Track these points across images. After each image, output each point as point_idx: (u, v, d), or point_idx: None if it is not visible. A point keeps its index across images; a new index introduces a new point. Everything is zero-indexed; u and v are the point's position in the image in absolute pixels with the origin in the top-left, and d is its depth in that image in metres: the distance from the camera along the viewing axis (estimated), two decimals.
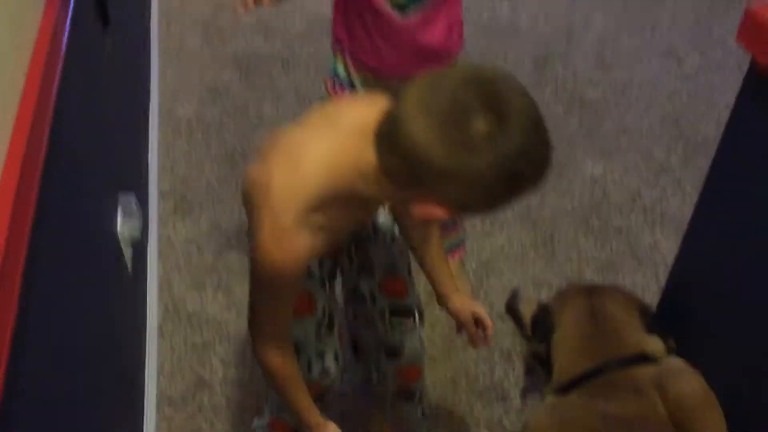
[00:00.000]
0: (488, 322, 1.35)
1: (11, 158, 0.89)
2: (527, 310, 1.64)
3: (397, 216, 1.32)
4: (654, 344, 1.48)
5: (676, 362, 1.44)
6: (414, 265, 1.37)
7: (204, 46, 2.90)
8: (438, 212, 0.90)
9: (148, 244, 2.02)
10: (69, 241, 1.15)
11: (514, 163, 0.83)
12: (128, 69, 2.13)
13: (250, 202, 1.04)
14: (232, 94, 2.68)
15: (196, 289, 2.02)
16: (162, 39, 2.92)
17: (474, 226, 2.17)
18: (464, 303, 1.36)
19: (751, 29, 1.25)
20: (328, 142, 0.98)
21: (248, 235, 1.11)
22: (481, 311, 1.35)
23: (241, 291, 1.99)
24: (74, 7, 1.30)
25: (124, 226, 1.58)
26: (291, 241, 0.97)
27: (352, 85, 1.60)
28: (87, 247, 1.29)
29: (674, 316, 1.60)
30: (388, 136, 0.88)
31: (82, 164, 1.34)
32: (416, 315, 1.39)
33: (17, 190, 0.86)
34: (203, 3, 3.13)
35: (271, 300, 1.08)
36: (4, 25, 0.98)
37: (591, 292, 1.58)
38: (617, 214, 2.28)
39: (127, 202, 1.63)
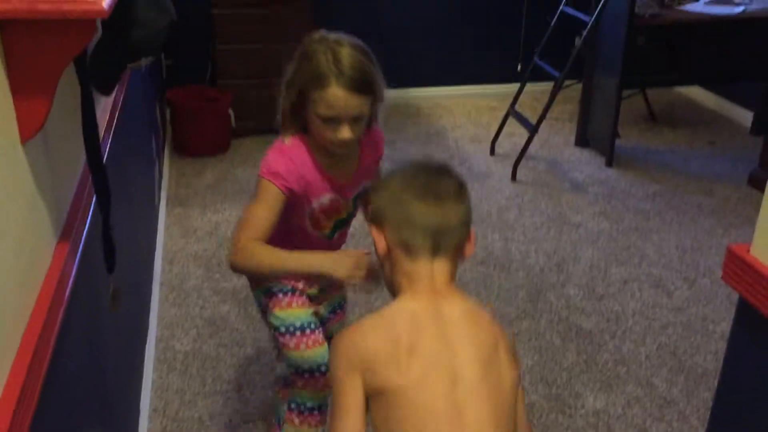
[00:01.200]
0: None
1: (3, 404, 0.88)
2: None
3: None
4: None
5: None
6: None
7: (204, 281, 2.97)
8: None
9: None
10: None
11: None
12: (129, 309, 2.17)
13: None
14: (230, 327, 2.69)
15: None
16: (164, 275, 3.00)
17: None
18: None
19: (735, 269, 1.30)
20: None
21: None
22: None
23: None
24: (81, 257, 1.36)
25: None
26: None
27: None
28: None
29: None
30: None
31: (74, 411, 1.32)
32: None
33: None
34: (206, 240, 3.27)
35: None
36: (12, 273, 1.02)
37: None
38: None
39: None
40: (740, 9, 4.11)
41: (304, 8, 4.09)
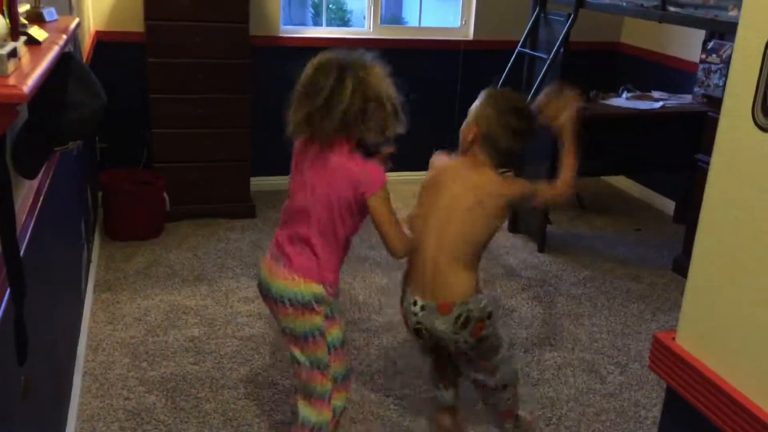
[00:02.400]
0: None
1: None
2: None
3: None
4: None
5: None
6: None
7: (130, 370, 2.84)
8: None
9: None
10: None
11: None
12: (44, 400, 2.05)
13: None
14: (155, 420, 2.57)
15: None
16: (87, 364, 2.87)
17: None
18: None
19: (661, 357, 1.32)
20: None
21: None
22: None
23: None
24: None
25: None
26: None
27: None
28: None
29: None
30: None
31: None
32: None
33: None
34: (134, 327, 3.15)
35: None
36: None
37: None
38: None
39: None
40: (659, 105, 4.35)
41: (243, 100, 4.14)
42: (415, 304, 2.19)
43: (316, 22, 5.26)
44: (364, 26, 4.97)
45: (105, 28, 4.27)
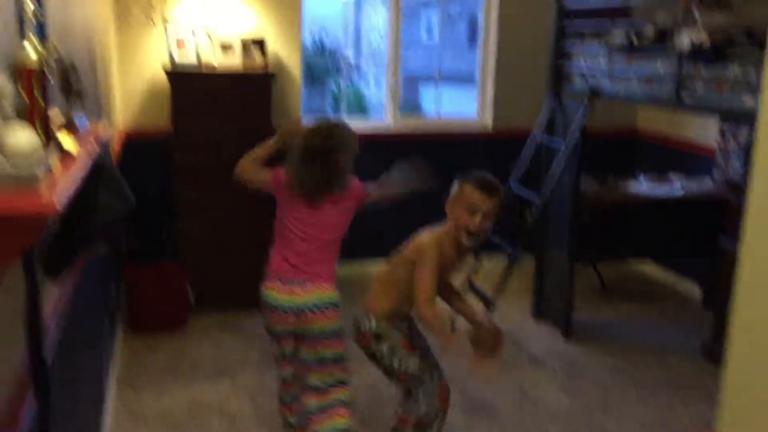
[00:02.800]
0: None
1: None
2: None
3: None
4: None
5: None
6: None
7: None
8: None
9: None
10: None
11: None
12: None
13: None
14: None
15: None
16: None
17: None
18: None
19: None
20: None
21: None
22: None
23: None
24: None
25: None
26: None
27: None
28: None
29: None
30: None
31: None
32: None
33: None
34: (156, 426, 3.12)
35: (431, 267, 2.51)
36: None
37: None
38: None
39: None
40: (679, 189, 4.36)
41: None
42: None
43: (336, 109, 5.39)
44: (383, 116, 5.09)
45: (132, 125, 4.42)
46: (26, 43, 1.26)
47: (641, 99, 3.61)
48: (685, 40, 3.15)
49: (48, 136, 1.31)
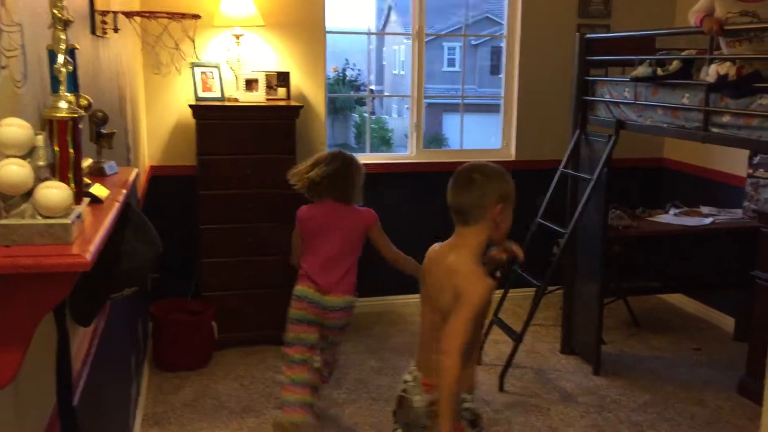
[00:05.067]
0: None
1: None
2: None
3: None
4: None
5: None
6: None
7: None
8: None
9: None
10: None
11: None
12: None
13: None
14: None
15: None
16: None
17: None
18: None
19: None
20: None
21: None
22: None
23: None
24: None
25: None
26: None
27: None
28: None
29: None
30: None
31: None
32: None
33: None
34: None
35: (472, 318, 1.95)
36: None
37: None
38: None
39: None
40: (709, 221, 4.29)
41: (292, 228, 4.20)
42: (410, 372, 2.16)
43: (359, 142, 5.40)
44: (407, 149, 5.09)
45: (159, 163, 4.45)
46: (59, 96, 1.27)
47: (668, 131, 3.56)
48: (710, 71, 3.11)
49: (79, 186, 1.31)
